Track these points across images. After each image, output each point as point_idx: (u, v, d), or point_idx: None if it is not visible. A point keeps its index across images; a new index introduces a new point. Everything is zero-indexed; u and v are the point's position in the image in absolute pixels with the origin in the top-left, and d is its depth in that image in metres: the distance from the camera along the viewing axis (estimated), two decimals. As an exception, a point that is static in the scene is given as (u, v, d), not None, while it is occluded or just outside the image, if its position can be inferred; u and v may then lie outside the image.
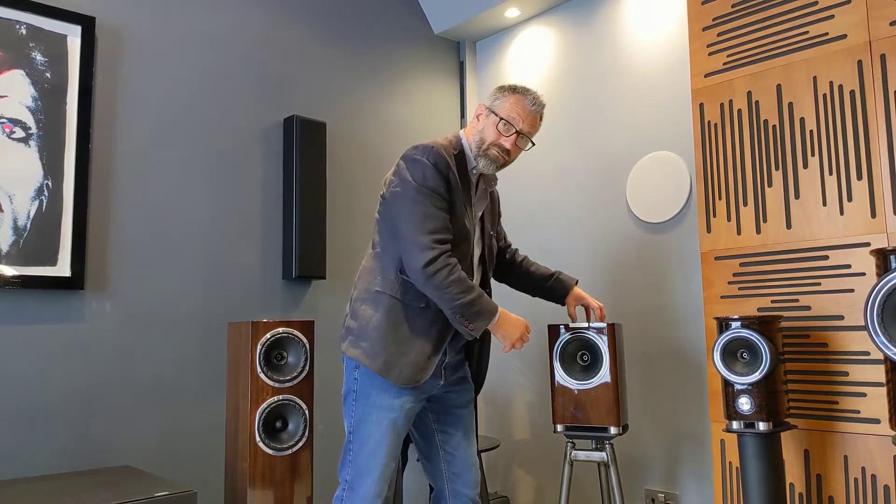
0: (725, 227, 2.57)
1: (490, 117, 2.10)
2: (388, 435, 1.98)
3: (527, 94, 2.11)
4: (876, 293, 1.93)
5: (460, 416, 2.16)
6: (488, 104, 2.12)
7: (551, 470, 3.60)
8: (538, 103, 2.12)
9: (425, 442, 2.17)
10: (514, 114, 2.09)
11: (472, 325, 1.98)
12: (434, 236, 1.95)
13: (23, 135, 2.63)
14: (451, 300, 1.94)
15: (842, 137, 2.33)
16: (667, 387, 3.17)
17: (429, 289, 1.95)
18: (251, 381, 2.51)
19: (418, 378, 1.98)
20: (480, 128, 2.11)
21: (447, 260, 1.94)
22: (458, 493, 2.11)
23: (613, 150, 3.46)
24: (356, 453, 1.99)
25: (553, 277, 2.44)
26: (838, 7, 2.35)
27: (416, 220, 1.96)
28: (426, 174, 1.98)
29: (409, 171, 2.00)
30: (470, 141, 2.13)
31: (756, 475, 2.22)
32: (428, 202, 1.97)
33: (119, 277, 2.83)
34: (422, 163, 1.99)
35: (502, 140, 2.09)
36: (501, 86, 2.15)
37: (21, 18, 2.66)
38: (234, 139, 3.21)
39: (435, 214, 1.97)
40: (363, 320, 2.04)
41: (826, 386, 2.32)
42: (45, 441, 2.62)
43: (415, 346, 2.00)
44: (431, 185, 1.98)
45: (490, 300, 2.03)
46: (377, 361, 1.98)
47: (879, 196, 2.24)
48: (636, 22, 3.42)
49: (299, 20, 3.50)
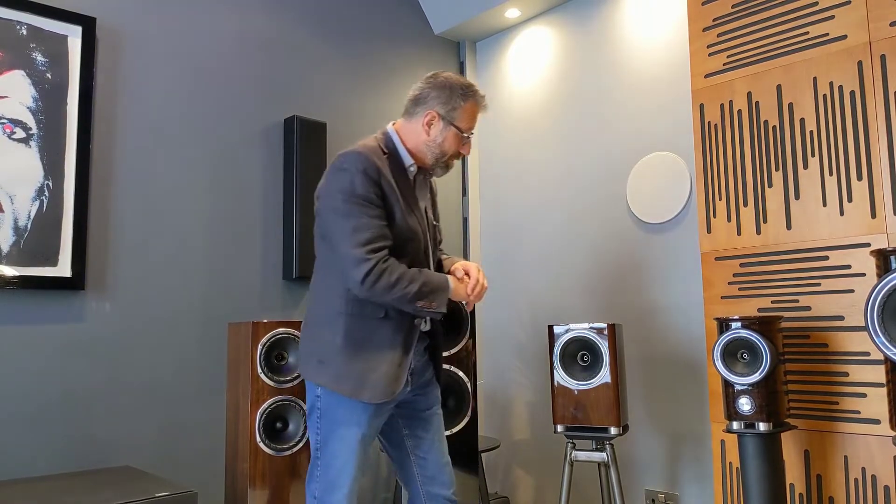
0: (726, 228, 2.57)
1: (449, 129, 2.02)
2: (357, 449, 1.95)
3: (478, 95, 2.05)
4: (876, 294, 1.93)
5: (429, 419, 2.12)
6: (443, 112, 2.01)
7: (551, 470, 3.60)
8: (485, 100, 2.09)
9: (395, 449, 2.13)
10: (472, 122, 2.06)
11: (434, 303, 1.95)
12: (367, 247, 1.88)
13: (23, 135, 2.63)
14: (405, 297, 1.90)
15: (842, 138, 2.33)
16: (667, 387, 3.17)
17: (378, 299, 1.91)
18: (251, 381, 2.51)
19: (394, 389, 1.94)
20: (438, 140, 2.03)
21: (382, 266, 1.88)
22: (434, 495, 2.08)
23: (614, 150, 3.46)
24: (325, 469, 1.96)
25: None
26: (838, 8, 2.35)
27: (347, 234, 1.89)
28: (354, 183, 1.90)
29: (335, 182, 1.93)
30: (414, 143, 2.05)
31: (756, 475, 2.22)
32: (358, 212, 1.90)
33: (119, 278, 2.84)
34: (348, 172, 1.92)
35: (462, 149, 2.07)
36: (445, 84, 2.03)
37: (22, 19, 2.66)
38: (234, 139, 3.21)
39: (367, 224, 1.90)
40: (325, 345, 1.98)
41: (826, 386, 2.32)
42: (46, 441, 2.62)
43: (384, 358, 1.95)
44: (361, 193, 1.90)
45: (436, 273, 2.00)
46: (347, 385, 1.93)
47: (879, 196, 2.24)
48: (636, 22, 3.42)
49: (300, 21, 3.50)
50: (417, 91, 2.06)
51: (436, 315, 1.99)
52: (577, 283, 3.56)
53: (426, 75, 2.08)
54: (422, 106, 2.04)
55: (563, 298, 3.61)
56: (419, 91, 2.05)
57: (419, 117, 2.04)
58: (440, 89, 2.02)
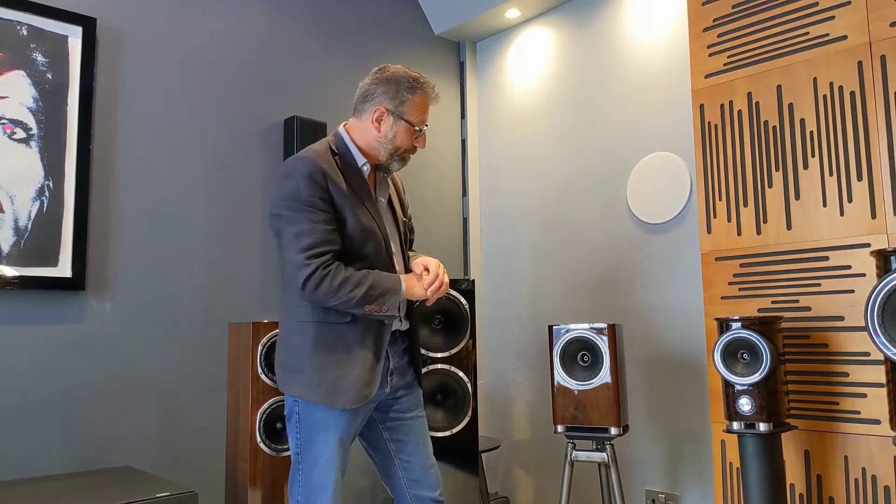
0: (726, 228, 2.57)
1: (399, 124, 1.99)
2: (337, 452, 1.95)
3: (426, 87, 2.01)
4: (876, 294, 1.93)
5: (411, 422, 2.10)
6: (391, 108, 1.98)
7: (552, 470, 3.60)
8: (436, 91, 2.05)
9: (378, 453, 2.12)
10: (424, 115, 2.02)
11: (384, 307, 1.91)
12: (308, 252, 1.87)
13: (24, 135, 2.63)
14: (350, 301, 1.88)
15: (842, 138, 2.33)
16: (667, 387, 3.17)
17: (323, 304, 1.90)
18: (252, 381, 2.51)
19: (367, 393, 1.93)
20: (389, 135, 1.99)
21: (322, 271, 1.86)
22: (421, 497, 2.06)
23: (614, 150, 3.46)
24: (306, 473, 1.96)
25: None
26: (838, 8, 2.35)
27: (290, 240, 1.89)
28: (299, 188, 1.88)
29: (281, 189, 1.92)
30: (366, 141, 2.02)
31: (756, 476, 2.22)
32: (302, 218, 1.88)
33: (120, 278, 2.84)
34: (293, 178, 1.90)
35: (416, 142, 2.04)
36: (392, 78, 1.98)
37: (22, 19, 2.66)
38: (234, 140, 3.21)
39: (310, 229, 1.88)
40: (296, 354, 1.98)
41: (826, 387, 2.32)
42: (46, 441, 2.62)
43: (356, 362, 1.94)
44: (305, 198, 1.88)
45: (389, 275, 1.95)
46: (318, 392, 1.93)
47: (880, 197, 2.24)
48: (636, 23, 3.42)
49: (300, 21, 3.50)
50: (365, 87, 2.01)
51: (388, 319, 1.96)
52: (577, 283, 3.56)
53: (373, 70, 2.03)
54: (369, 102, 2.00)
55: (564, 298, 3.61)
56: (366, 87, 2.01)
57: (368, 114, 2.00)
58: (387, 84, 1.98)
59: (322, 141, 2.03)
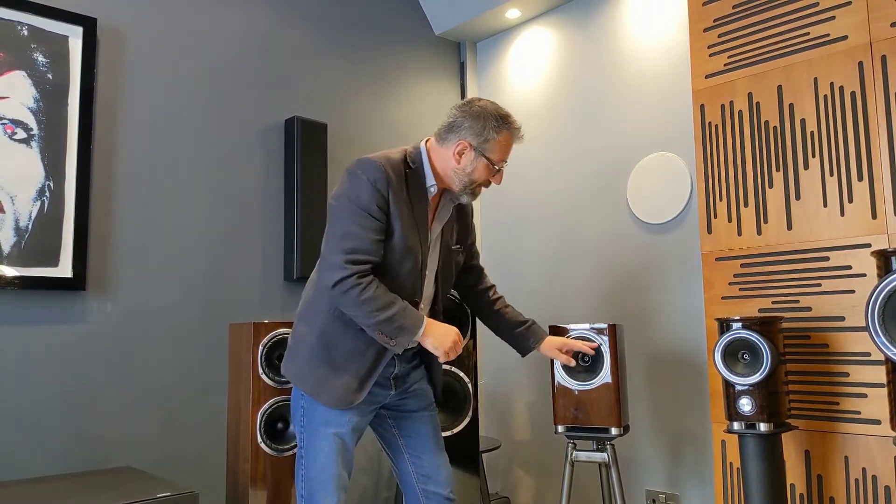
0: (726, 228, 2.57)
1: (480, 160, 1.98)
2: (338, 447, 1.97)
3: (512, 127, 2.01)
4: (877, 294, 1.93)
5: (419, 419, 2.12)
6: (475, 143, 1.97)
7: (552, 470, 3.61)
8: (522, 132, 2.05)
9: (390, 448, 2.15)
10: (505, 154, 2.02)
11: (393, 340, 1.91)
12: (349, 256, 1.88)
13: (24, 136, 2.64)
14: (367, 318, 1.88)
15: (842, 138, 2.33)
16: (667, 387, 3.17)
17: (341, 307, 1.91)
18: (252, 381, 2.51)
19: (350, 400, 1.94)
20: (468, 169, 1.99)
21: (358, 280, 1.87)
22: (431, 492, 2.08)
23: (614, 151, 3.46)
24: (308, 467, 1.98)
25: (526, 325, 2.32)
26: (839, 8, 2.35)
27: (337, 237, 1.90)
28: (360, 191, 1.90)
29: (345, 184, 1.93)
30: (442, 168, 2.02)
31: (757, 476, 2.22)
32: (354, 220, 1.89)
33: (120, 278, 2.84)
34: (359, 179, 1.91)
35: (493, 179, 2.04)
36: (480, 114, 1.98)
37: (22, 20, 2.66)
38: (235, 140, 3.21)
39: (358, 234, 1.89)
40: (298, 339, 2.01)
41: (827, 387, 2.33)
42: (46, 442, 2.63)
43: (347, 370, 1.95)
44: (364, 203, 1.89)
45: (415, 313, 1.94)
46: (307, 384, 1.96)
47: (880, 197, 2.24)
48: (637, 23, 3.42)
49: (300, 21, 3.50)
50: (451, 118, 2.01)
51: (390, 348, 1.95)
52: (577, 283, 3.56)
53: (462, 102, 2.03)
54: (454, 133, 1.99)
55: (564, 299, 3.61)
56: (453, 118, 2.01)
57: (451, 144, 2.00)
58: (474, 119, 1.98)
59: (400, 149, 2.03)
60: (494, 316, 2.33)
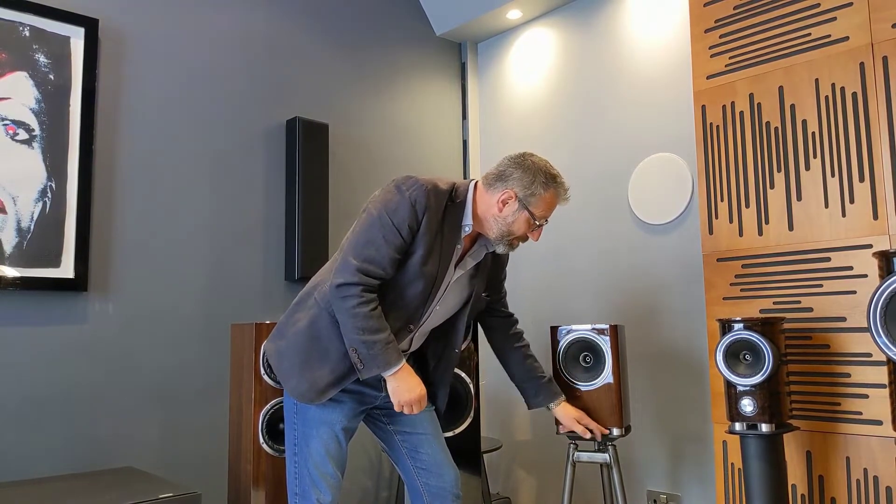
0: (727, 229, 2.58)
1: (522, 213, 2.01)
2: (331, 445, 1.99)
3: (560, 187, 2.04)
4: (878, 295, 1.93)
5: (415, 416, 2.12)
6: (521, 195, 2.00)
7: (553, 471, 3.61)
8: (568, 194, 2.07)
9: (389, 446, 2.16)
10: (548, 212, 2.05)
11: (361, 364, 1.93)
12: (364, 265, 1.90)
13: (26, 136, 2.64)
14: (351, 331, 1.90)
15: (844, 139, 2.33)
16: (669, 388, 3.17)
17: (334, 308, 1.94)
18: (254, 382, 2.52)
19: (312, 399, 1.96)
20: (510, 219, 2.01)
21: (361, 293, 1.89)
22: (434, 487, 2.10)
23: (615, 151, 3.46)
24: (301, 465, 2.00)
25: (545, 379, 2.38)
26: (840, 9, 2.35)
27: (361, 242, 1.93)
28: (399, 208, 1.92)
29: (388, 196, 1.96)
30: (483, 212, 2.04)
31: (758, 476, 2.22)
32: (382, 233, 1.92)
33: (122, 279, 2.84)
34: (402, 195, 1.93)
35: (532, 234, 2.06)
36: (531, 168, 2.01)
37: (24, 20, 2.66)
38: (236, 141, 3.21)
39: (380, 246, 1.91)
40: (289, 320, 2.05)
41: (828, 387, 2.33)
42: (48, 442, 2.63)
43: (322, 369, 1.97)
44: (397, 220, 1.92)
45: (397, 352, 1.94)
46: (282, 364, 2.01)
47: (881, 198, 2.25)
48: (638, 24, 3.42)
49: (302, 22, 3.50)
50: (503, 167, 2.04)
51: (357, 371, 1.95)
52: (578, 284, 3.57)
53: (515, 154, 2.06)
54: (502, 182, 2.02)
55: (565, 299, 3.61)
56: (504, 168, 2.03)
57: (497, 192, 2.02)
58: (524, 171, 2.01)
59: (450, 181, 2.05)
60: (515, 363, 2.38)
